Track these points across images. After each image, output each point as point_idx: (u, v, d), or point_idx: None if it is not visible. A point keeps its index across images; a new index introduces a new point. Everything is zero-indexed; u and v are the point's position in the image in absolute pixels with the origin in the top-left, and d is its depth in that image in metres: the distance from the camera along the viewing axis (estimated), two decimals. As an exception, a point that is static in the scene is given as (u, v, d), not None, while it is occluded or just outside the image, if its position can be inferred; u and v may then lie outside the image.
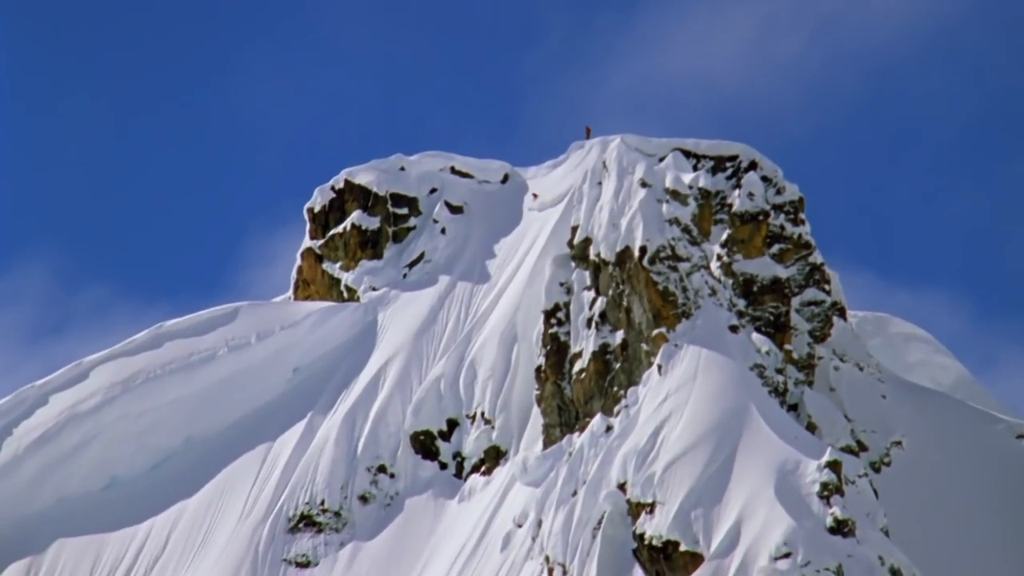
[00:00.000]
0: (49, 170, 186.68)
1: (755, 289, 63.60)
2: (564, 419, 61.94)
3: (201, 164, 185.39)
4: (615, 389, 59.11)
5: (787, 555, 47.74)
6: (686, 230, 63.12)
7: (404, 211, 77.61)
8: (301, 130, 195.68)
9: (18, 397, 74.72)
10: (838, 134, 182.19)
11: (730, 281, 63.10)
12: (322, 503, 65.75)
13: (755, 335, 60.46)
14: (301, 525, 65.34)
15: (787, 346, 62.71)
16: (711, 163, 67.76)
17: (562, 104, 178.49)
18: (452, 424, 66.91)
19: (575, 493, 54.77)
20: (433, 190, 78.37)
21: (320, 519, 65.39)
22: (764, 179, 66.71)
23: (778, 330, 62.69)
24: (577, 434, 59.60)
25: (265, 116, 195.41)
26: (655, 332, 59.06)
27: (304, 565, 63.85)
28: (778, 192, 67.06)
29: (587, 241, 64.44)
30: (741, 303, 63.00)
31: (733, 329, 59.56)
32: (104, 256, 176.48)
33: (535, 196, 71.61)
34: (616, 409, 58.17)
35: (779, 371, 59.63)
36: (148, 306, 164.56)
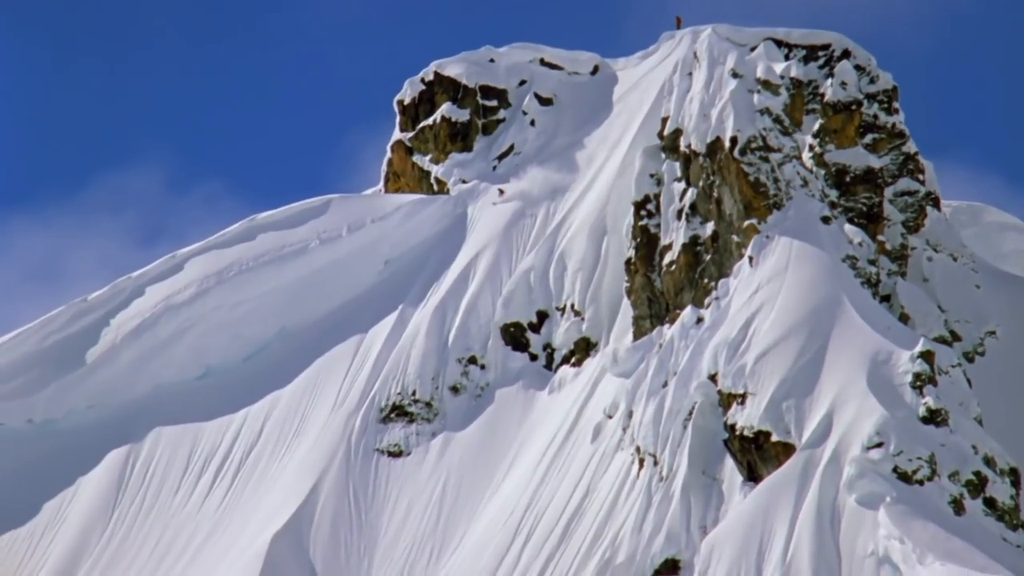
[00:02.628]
0: (161, 78, 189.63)
1: (848, 179, 63.03)
2: (654, 311, 61.93)
3: (299, 63, 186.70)
4: (705, 281, 58.98)
5: (879, 445, 47.67)
6: (777, 120, 62.51)
7: (493, 103, 77.49)
8: (391, 23, 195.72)
9: (115, 288, 75.82)
10: (933, 21, 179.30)
11: (822, 172, 62.56)
12: (413, 393, 66.33)
13: (847, 226, 60.01)
14: (393, 415, 65.99)
15: (880, 237, 62.22)
16: (803, 52, 67.02)
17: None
18: (542, 316, 67.13)
19: (665, 384, 54.85)
20: (522, 82, 78.14)
21: (412, 409, 66.00)
22: (857, 68, 65.90)
23: (871, 221, 62.18)
24: (667, 326, 59.56)
25: (358, 8, 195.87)
26: (746, 223, 58.77)
27: (396, 455, 64.55)
28: (871, 81, 66.25)
29: (677, 132, 63.99)
30: (833, 194, 62.49)
31: (825, 220, 59.12)
32: (212, 158, 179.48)
33: (501, 192, 70.75)
34: (707, 301, 58.06)
35: (872, 262, 59.18)
36: (254, 207, 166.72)
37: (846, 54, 66.26)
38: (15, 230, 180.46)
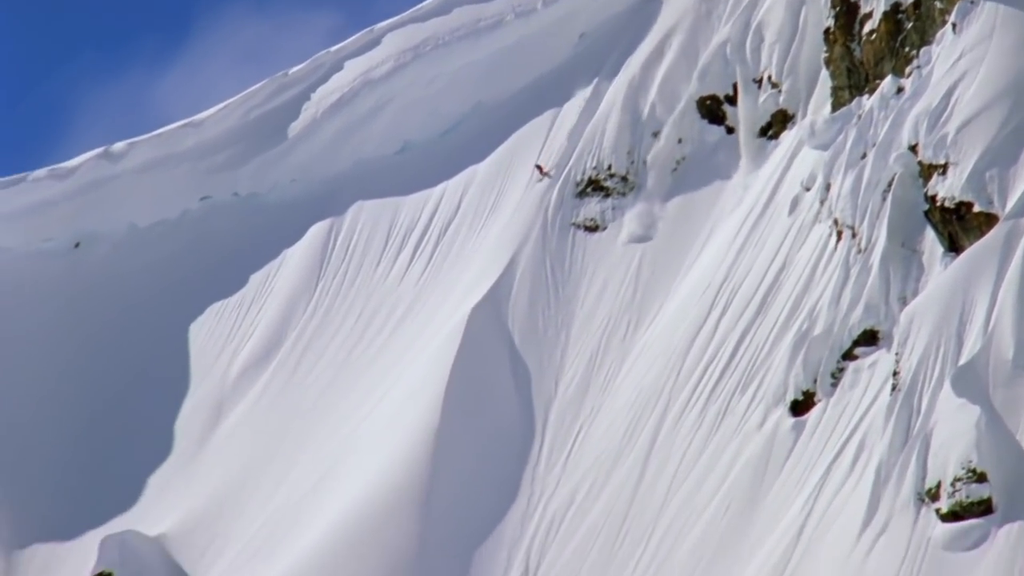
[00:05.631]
0: None
1: (1057, -60, 60.60)
2: (853, 81, 60.70)
3: None
4: (907, 49, 57.51)
5: (1086, 213, 46.56)
6: None
7: None
8: None
9: (314, 63, 76.68)
10: None
11: (1030, -67, 60.21)
12: (609, 168, 66.34)
13: (1057, -10, 57.89)
14: (588, 190, 66.15)
15: (1092, 2, 59.94)
16: None
17: None
18: (738, 88, 66.28)
19: (864, 155, 53.98)
20: None
21: (607, 184, 66.07)
22: None
23: (1082, -15, 59.85)
24: (867, 96, 58.38)
25: None
26: (949, -11, 57.04)
27: (592, 229, 64.88)
28: None
29: None
30: (1042, -43, 60.18)
31: (1033, -15, 57.07)
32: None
33: (540, 169, 68.01)
34: (907, 70, 56.70)
35: (1082, 28, 57.10)
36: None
37: None
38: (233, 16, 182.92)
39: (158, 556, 60.02)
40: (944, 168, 49.26)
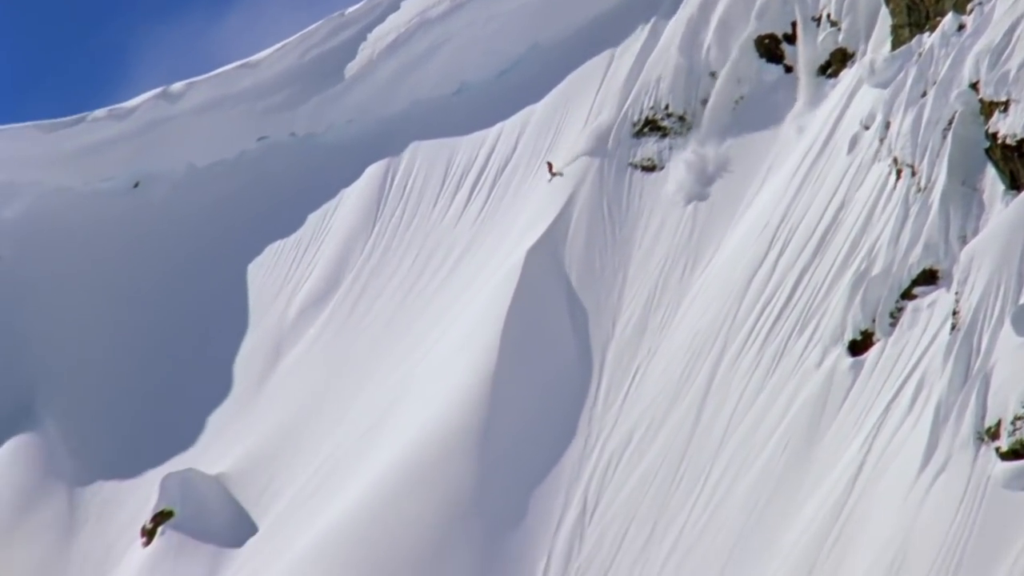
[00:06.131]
0: None
1: None
2: (913, 19, 60.05)
3: None
4: (968, -14, 56.86)
5: None
6: None
7: None
8: None
9: (371, 3, 76.68)
10: None
11: None
12: (666, 108, 66.02)
13: (1123, -75, 56.94)
14: (646, 130, 65.88)
15: None
16: None
17: None
18: (797, 27, 65.71)
19: (924, 94, 53.40)
20: None
21: (665, 123, 65.79)
22: None
23: None
24: (927, 34, 57.71)
25: None
26: (1014, -75, 56.20)
27: (649, 169, 64.66)
28: None
29: None
30: None
31: (1099, -80, 56.15)
32: None
33: (550, 167, 66.83)
34: (968, 7, 55.99)
35: None
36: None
37: None
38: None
39: (218, 494, 60.55)
40: (1005, 105, 48.67)
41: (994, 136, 48.74)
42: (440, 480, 52.20)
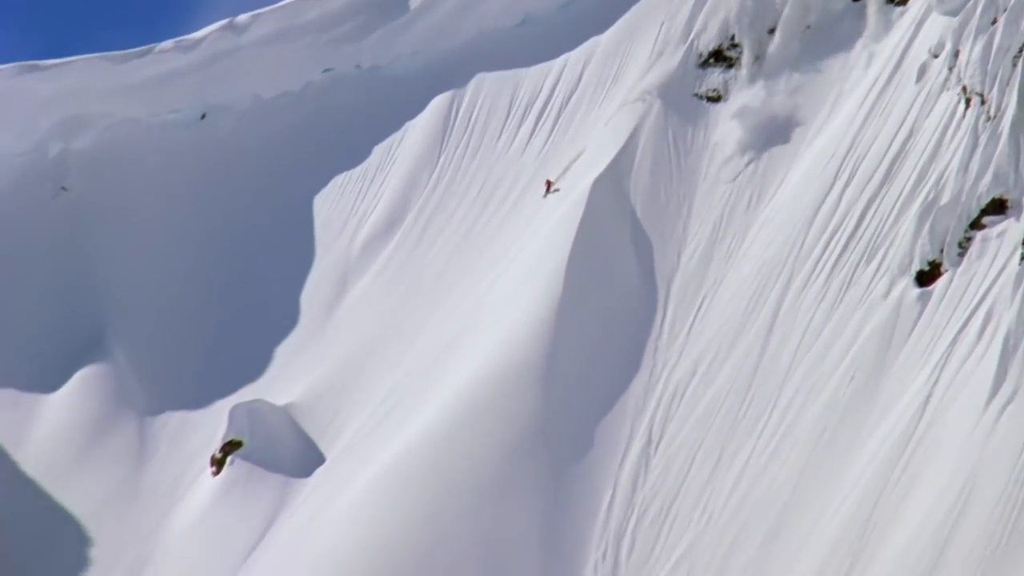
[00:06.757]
0: None
1: None
2: (984, -55, 59.22)
3: None
4: (1039, -84, 55.94)
5: None
6: None
7: None
8: None
9: (435, -66, 76.41)
10: None
11: None
12: (732, 38, 65.55)
13: None
14: (711, 60, 65.44)
15: None
16: None
17: None
18: (865, -46, 64.94)
19: (995, 21, 52.75)
20: None
21: (730, 54, 65.32)
22: None
23: None
24: (998, -40, 56.98)
25: None
26: None
27: (715, 99, 64.29)
28: None
29: None
30: None
31: None
32: None
33: (548, 184, 65.39)
34: (1041, -68, 55.23)
35: None
36: None
37: None
38: None
39: (286, 425, 61.03)
40: (1078, 32, 48.10)
41: (1065, 63, 48.20)
42: (506, 412, 52.36)
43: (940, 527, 38.11)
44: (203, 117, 76.35)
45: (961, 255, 47.11)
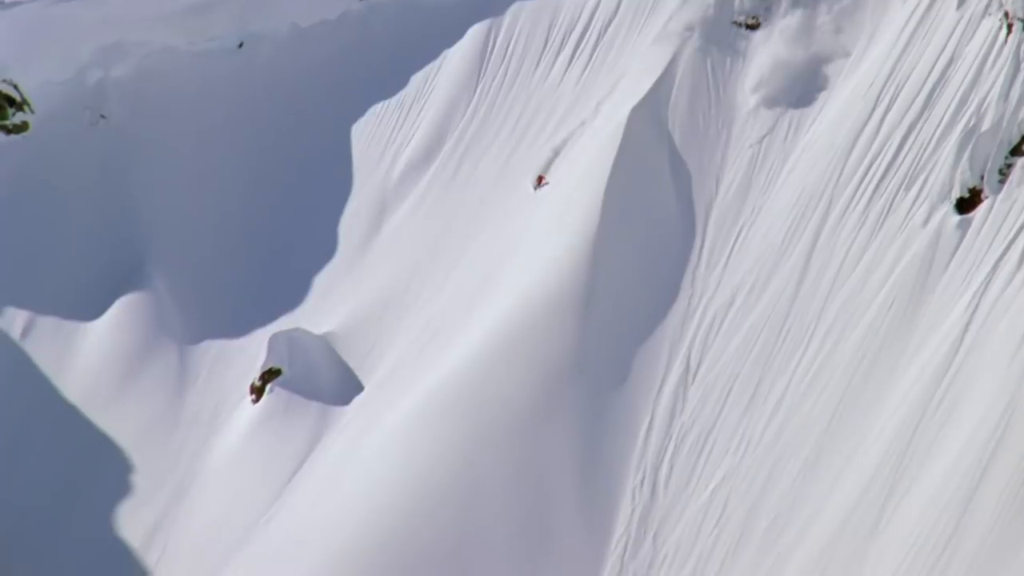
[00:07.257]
0: None
1: None
2: None
3: None
4: None
5: None
6: None
7: None
8: None
9: None
10: None
11: None
12: (769, -35, 65.03)
13: None
14: (750, -10, 65.02)
15: None
16: None
17: None
18: None
19: (1038, -54, 52.22)
20: None
21: (768, -15, 64.81)
22: None
23: None
24: None
25: None
26: None
27: (754, 27, 63.83)
28: None
29: None
30: None
31: None
32: None
33: (541, 179, 64.22)
34: None
35: None
36: None
37: None
38: None
39: (325, 354, 61.32)
40: None
41: (1110, -12, 47.68)
42: (543, 341, 52.47)
43: (978, 458, 38.13)
44: (240, 46, 76.26)
45: (1002, 182, 46.85)
